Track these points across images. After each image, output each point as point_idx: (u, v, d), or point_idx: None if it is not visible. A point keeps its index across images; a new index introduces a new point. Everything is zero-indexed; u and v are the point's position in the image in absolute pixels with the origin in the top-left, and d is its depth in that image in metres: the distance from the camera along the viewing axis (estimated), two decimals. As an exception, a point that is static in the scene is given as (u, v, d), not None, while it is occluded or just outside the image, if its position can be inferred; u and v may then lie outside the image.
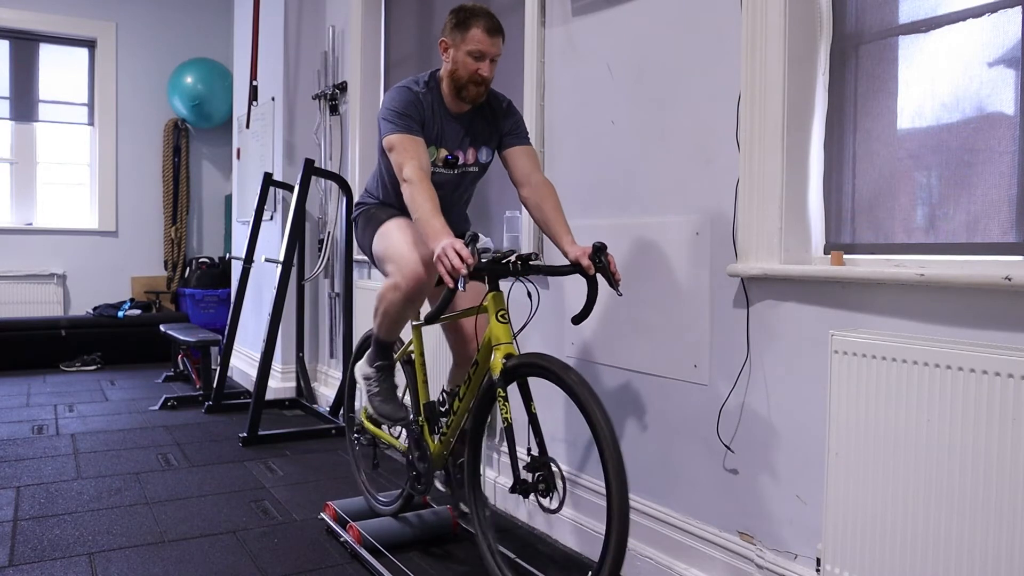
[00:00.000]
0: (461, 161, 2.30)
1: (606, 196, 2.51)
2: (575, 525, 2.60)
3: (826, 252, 1.95)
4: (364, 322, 3.93)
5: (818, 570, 1.73)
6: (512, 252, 2.07)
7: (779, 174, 1.92)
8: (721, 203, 2.11)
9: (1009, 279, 1.45)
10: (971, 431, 1.43)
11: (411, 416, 2.41)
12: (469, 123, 2.28)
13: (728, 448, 2.10)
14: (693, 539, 2.19)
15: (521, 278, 2.07)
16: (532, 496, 1.95)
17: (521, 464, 1.97)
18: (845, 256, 1.86)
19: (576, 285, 2.63)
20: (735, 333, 2.08)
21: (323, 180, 4.60)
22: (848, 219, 1.91)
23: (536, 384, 2.30)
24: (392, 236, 2.26)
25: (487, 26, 2.12)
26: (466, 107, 2.25)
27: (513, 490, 1.98)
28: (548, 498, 1.93)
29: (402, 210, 2.30)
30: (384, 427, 2.64)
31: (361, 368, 2.47)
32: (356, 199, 2.49)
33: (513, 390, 2.08)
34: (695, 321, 2.18)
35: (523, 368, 1.99)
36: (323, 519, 2.73)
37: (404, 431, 2.58)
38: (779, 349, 1.96)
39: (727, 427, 2.10)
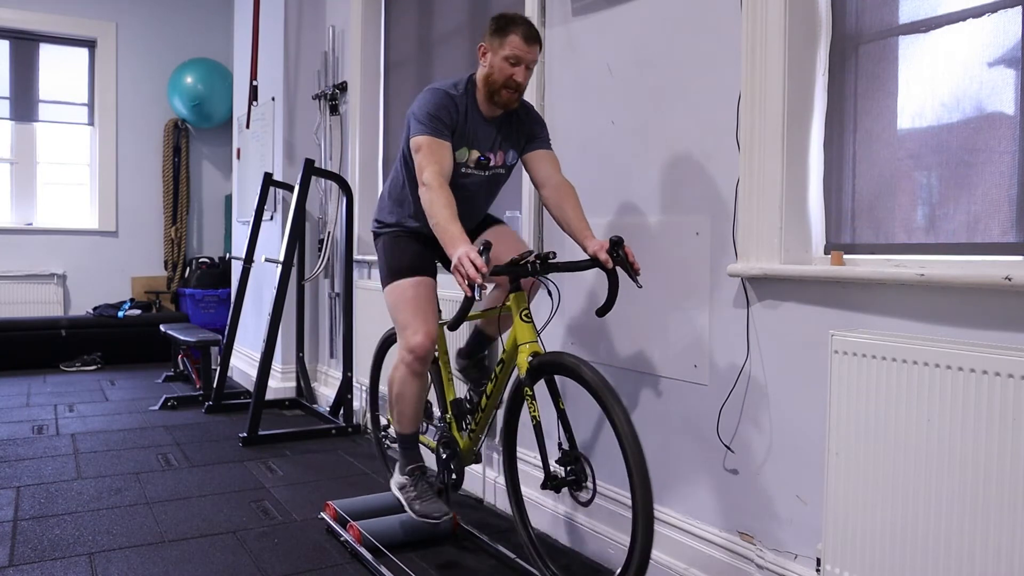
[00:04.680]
0: (492, 163, 2.33)
1: (606, 196, 2.51)
2: (578, 526, 2.60)
3: (826, 252, 1.95)
4: (364, 322, 3.93)
5: (818, 570, 1.72)
6: (531, 252, 2.10)
7: (779, 174, 1.92)
8: (721, 203, 2.11)
9: (1009, 279, 1.45)
10: (971, 431, 1.43)
11: (450, 512, 2.40)
12: (500, 126, 2.32)
13: (728, 448, 2.10)
14: (693, 539, 2.19)
15: (541, 277, 2.12)
16: (565, 490, 2.04)
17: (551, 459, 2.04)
18: (845, 256, 1.86)
19: (576, 285, 2.63)
20: (735, 333, 2.08)
21: (323, 180, 4.60)
22: (848, 219, 1.91)
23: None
24: (401, 298, 2.31)
25: (525, 33, 2.16)
26: (499, 111, 2.28)
27: (544, 486, 2.05)
28: (581, 491, 2.00)
29: (421, 219, 2.30)
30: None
31: (395, 481, 2.47)
32: (376, 208, 2.49)
33: (541, 388, 2.14)
34: (695, 321, 2.18)
35: (547, 366, 2.05)
36: (323, 519, 2.73)
37: (432, 428, 2.62)
38: (779, 349, 1.96)
39: (727, 427, 2.10)
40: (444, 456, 2.49)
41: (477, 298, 1.87)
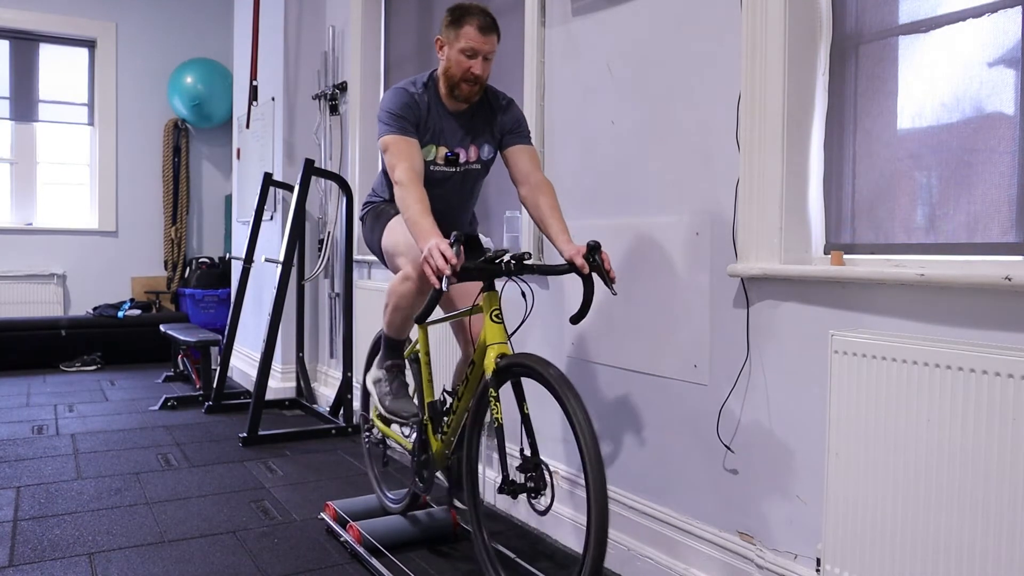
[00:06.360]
0: (463, 159, 2.31)
1: (606, 196, 2.51)
2: (574, 524, 2.60)
3: (826, 252, 1.95)
4: (364, 322, 3.93)
5: (818, 570, 1.73)
6: (505, 252, 2.07)
7: (779, 174, 1.92)
8: (721, 203, 2.11)
9: (1009, 279, 1.45)
10: (971, 431, 1.43)
11: (421, 413, 2.42)
12: (468, 120, 2.29)
13: (728, 448, 2.10)
14: (693, 539, 2.19)
15: (515, 278, 2.08)
16: (521, 496, 1.96)
17: (513, 464, 1.97)
18: (845, 256, 1.86)
19: (577, 286, 2.63)
20: (735, 333, 2.08)
21: (323, 180, 4.60)
22: (848, 219, 1.91)
23: (534, 386, 2.30)
24: (400, 230, 2.28)
25: (480, 24, 2.14)
26: (463, 105, 2.26)
27: (501, 490, 1.98)
28: (538, 499, 1.93)
29: None
30: (394, 427, 2.65)
31: (372, 374, 2.51)
32: (364, 199, 2.51)
33: (507, 390, 2.08)
34: (695, 321, 2.18)
35: (513, 368, 2.00)
36: (323, 519, 2.73)
37: (413, 431, 2.59)
38: (779, 349, 1.96)
39: (727, 427, 2.10)
40: (419, 459, 2.44)
41: (444, 289, 1.86)
